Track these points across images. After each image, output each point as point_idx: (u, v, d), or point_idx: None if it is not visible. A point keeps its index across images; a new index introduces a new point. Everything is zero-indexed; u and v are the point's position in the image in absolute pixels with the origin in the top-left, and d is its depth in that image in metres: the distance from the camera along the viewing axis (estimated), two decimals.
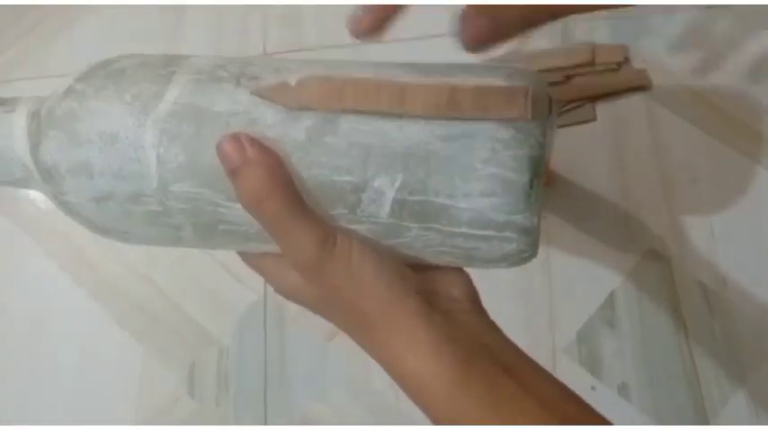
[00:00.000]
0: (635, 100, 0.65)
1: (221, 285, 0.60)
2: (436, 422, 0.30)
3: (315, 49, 0.70)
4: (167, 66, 0.32)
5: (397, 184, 0.29)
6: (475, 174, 0.28)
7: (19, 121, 0.33)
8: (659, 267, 0.57)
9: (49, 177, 0.32)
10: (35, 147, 0.32)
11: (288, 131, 0.29)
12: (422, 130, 0.28)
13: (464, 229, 0.29)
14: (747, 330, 0.54)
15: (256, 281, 0.60)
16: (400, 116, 0.28)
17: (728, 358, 0.53)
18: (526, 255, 0.30)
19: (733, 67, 0.65)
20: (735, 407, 0.52)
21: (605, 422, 0.30)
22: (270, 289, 0.59)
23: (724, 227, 0.56)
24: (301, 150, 0.29)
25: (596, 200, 0.60)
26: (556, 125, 0.47)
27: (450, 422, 0.29)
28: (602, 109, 0.64)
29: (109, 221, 0.33)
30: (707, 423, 0.51)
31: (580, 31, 0.69)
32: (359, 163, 0.29)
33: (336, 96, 0.29)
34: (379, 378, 0.55)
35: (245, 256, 0.36)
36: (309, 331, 0.58)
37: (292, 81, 0.30)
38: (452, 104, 0.28)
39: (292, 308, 0.59)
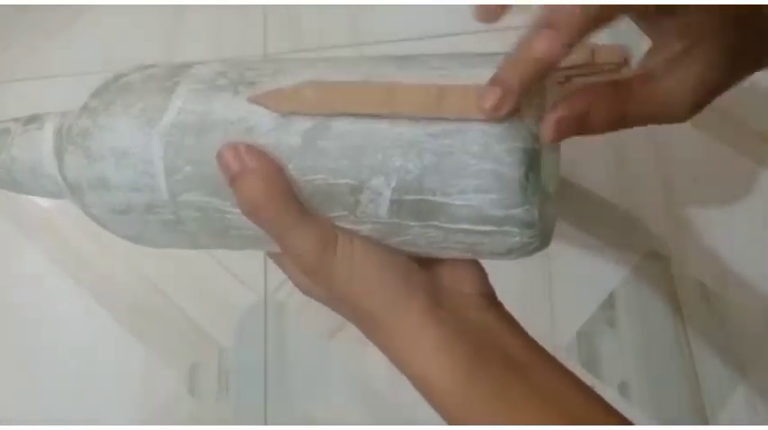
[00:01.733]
0: None
1: (221, 285, 0.60)
2: (446, 421, 0.30)
3: (315, 50, 0.70)
4: (172, 77, 0.33)
5: (392, 184, 0.28)
6: (468, 170, 0.27)
7: (47, 138, 0.35)
8: (659, 267, 0.57)
9: (73, 191, 0.34)
10: (60, 163, 0.34)
11: (283, 137, 0.29)
12: (413, 129, 0.28)
13: (464, 226, 0.29)
14: (747, 330, 0.54)
15: (256, 281, 0.60)
16: (390, 117, 0.28)
17: (728, 358, 0.53)
18: (533, 246, 0.30)
19: None
20: (735, 407, 0.52)
21: (620, 419, 0.29)
22: (270, 289, 0.60)
23: (724, 227, 0.56)
24: (297, 156, 0.29)
25: (596, 200, 0.60)
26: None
27: (459, 422, 0.29)
28: None
29: (132, 231, 0.35)
30: (707, 423, 0.51)
31: None
32: (353, 165, 0.29)
33: (327, 100, 0.29)
34: (378, 377, 0.55)
35: (269, 252, 0.36)
36: (309, 331, 0.58)
37: (287, 86, 0.30)
38: (440, 105, 0.28)
39: (292, 308, 0.59)
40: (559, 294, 0.57)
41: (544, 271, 0.57)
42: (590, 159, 0.62)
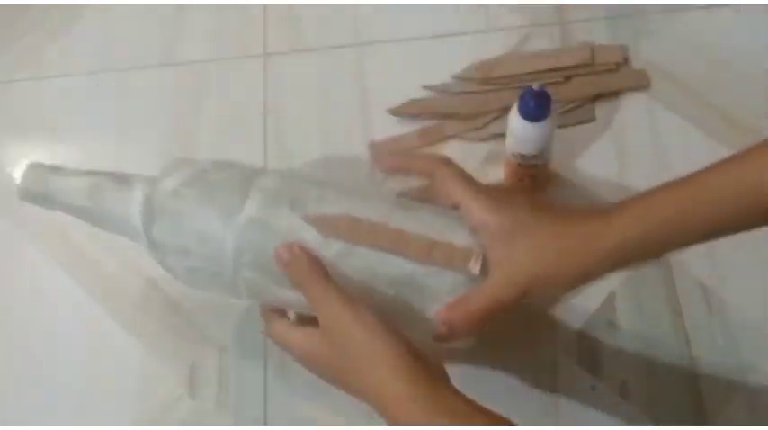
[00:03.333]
0: (635, 100, 0.65)
1: None
2: None
3: (315, 50, 0.70)
4: (248, 180, 0.46)
5: (392, 294, 0.45)
6: (441, 300, 0.44)
7: (137, 198, 0.46)
8: (659, 267, 0.57)
9: (154, 247, 0.47)
10: (148, 225, 0.46)
11: (322, 251, 0.44)
12: (411, 265, 0.44)
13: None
14: (747, 330, 0.54)
15: None
16: (398, 254, 0.44)
17: (728, 358, 0.53)
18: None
19: (733, 66, 0.65)
20: (735, 407, 0.52)
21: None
22: None
23: None
24: (330, 266, 0.43)
25: (596, 200, 0.60)
26: (555, 125, 0.52)
27: None
28: (601, 109, 0.64)
29: (192, 282, 0.49)
30: (707, 423, 0.51)
31: (579, 31, 0.69)
32: (369, 279, 0.44)
33: (356, 233, 0.44)
34: None
35: (268, 334, 0.48)
36: None
37: (331, 213, 0.45)
38: (430, 254, 0.43)
39: None
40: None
41: None
42: (590, 159, 0.62)
